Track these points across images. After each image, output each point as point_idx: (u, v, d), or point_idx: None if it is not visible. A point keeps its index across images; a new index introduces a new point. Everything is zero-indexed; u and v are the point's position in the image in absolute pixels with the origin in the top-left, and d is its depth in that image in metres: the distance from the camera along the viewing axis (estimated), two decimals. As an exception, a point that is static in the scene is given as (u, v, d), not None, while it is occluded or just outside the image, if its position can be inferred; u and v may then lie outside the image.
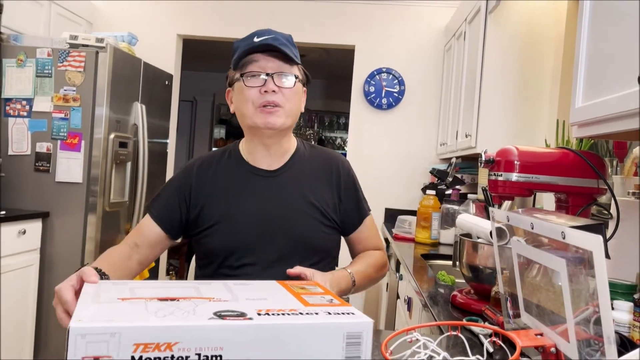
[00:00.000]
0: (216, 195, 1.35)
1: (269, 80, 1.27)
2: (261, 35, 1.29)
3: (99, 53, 2.97)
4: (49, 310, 2.96)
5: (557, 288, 0.86)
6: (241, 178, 1.36)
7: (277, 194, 1.35)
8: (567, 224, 0.83)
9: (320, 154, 1.46)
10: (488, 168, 1.37)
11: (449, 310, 1.44)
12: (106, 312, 0.77)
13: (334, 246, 1.44)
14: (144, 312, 0.78)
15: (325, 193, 1.39)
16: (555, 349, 0.86)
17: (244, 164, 1.38)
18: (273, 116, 1.28)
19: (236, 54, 1.32)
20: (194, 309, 0.80)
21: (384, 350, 0.88)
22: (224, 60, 7.40)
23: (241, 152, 1.40)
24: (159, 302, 0.82)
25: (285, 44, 1.30)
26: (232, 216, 1.33)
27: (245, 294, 0.90)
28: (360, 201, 1.47)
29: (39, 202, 2.97)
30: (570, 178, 1.32)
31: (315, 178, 1.40)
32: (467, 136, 2.78)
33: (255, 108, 1.28)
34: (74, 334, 0.70)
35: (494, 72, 2.64)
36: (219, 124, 8.20)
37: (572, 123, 1.31)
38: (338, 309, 0.84)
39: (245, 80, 1.28)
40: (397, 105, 3.95)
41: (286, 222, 1.34)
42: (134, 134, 3.31)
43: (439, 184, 3.10)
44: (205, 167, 1.39)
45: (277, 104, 1.28)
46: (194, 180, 1.37)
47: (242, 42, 1.32)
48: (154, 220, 1.36)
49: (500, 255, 1.10)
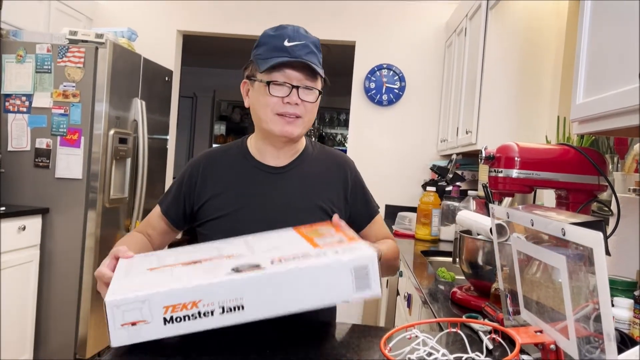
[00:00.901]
0: (221, 188, 1.35)
1: (294, 92, 1.26)
2: (292, 39, 1.26)
3: (98, 49, 2.96)
4: (48, 306, 2.96)
5: (557, 285, 0.86)
6: (247, 173, 1.36)
7: (283, 190, 1.35)
8: (567, 220, 0.83)
9: (328, 153, 1.46)
10: (488, 165, 1.37)
11: (448, 306, 1.43)
12: (137, 283, 0.87)
13: None
14: (169, 278, 0.87)
15: (332, 193, 1.39)
16: (555, 346, 0.86)
17: (250, 160, 1.37)
18: (291, 126, 1.28)
19: (261, 50, 1.28)
20: (214, 268, 0.89)
21: (383, 347, 0.88)
22: (224, 57, 7.39)
23: (249, 148, 1.39)
24: (183, 266, 0.91)
25: (313, 52, 1.28)
26: (236, 210, 1.32)
27: (261, 246, 0.99)
28: (369, 200, 1.46)
29: (39, 198, 2.97)
30: (571, 175, 1.31)
31: (322, 177, 1.39)
32: (468, 132, 2.77)
33: (273, 114, 1.27)
34: (110, 306, 0.81)
35: (495, 68, 2.63)
36: (219, 120, 8.19)
37: (573, 119, 1.31)
38: (346, 246, 0.92)
39: (270, 88, 1.25)
40: (397, 102, 3.94)
41: (290, 219, 1.32)
42: (134, 130, 3.30)
43: (439, 180, 3.10)
44: (212, 161, 1.39)
45: (298, 115, 1.28)
46: (200, 174, 1.37)
47: (270, 39, 1.28)
48: (162, 214, 1.40)
49: (500, 251, 1.10)
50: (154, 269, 0.92)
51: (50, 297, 2.96)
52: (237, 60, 6.77)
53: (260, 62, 1.27)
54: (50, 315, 2.96)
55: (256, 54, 1.29)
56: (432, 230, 2.78)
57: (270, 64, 1.23)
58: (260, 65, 1.26)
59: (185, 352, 0.92)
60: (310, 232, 1.03)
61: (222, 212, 1.33)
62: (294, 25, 1.30)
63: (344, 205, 1.40)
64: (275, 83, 1.25)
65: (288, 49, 1.24)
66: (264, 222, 1.31)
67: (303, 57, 1.25)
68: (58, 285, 2.97)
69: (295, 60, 1.24)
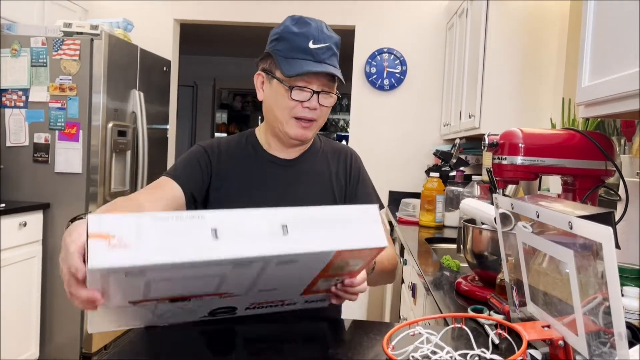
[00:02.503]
0: (233, 181, 1.32)
1: (314, 97, 1.24)
2: (317, 40, 1.22)
3: (93, 40, 2.92)
4: (53, 301, 2.96)
5: (565, 275, 0.83)
6: (258, 165, 1.34)
7: (293, 183, 1.34)
8: (575, 212, 0.79)
9: (333, 146, 1.45)
10: (492, 152, 1.33)
11: (453, 297, 1.41)
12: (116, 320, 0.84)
13: None
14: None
15: (338, 184, 1.38)
16: (564, 341, 0.83)
17: (261, 152, 1.36)
18: (306, 130, 1.27)
19: (283, 46, 1.22)
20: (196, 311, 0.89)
21: (385, 346, 0.85)
22: (223, 44, 7.33)
23: (259, 140, 1.38)
24: (169, 303, 0.84)
25: (335, 53, 1.26)
26: (247, 204, 1.28)
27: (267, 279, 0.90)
28: (370, 195, 1.43)
29: (39, 193, 2.95)
30: (577, 160, 1.27)
31: (329, 170, 1.39)
32: (471, 117, 2.72)
33: (290, 117, 1.25)
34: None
35: (498, 50, 2.58)
36: (220, 108, 8.15)
37: (579, 103, 1.26)
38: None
39: (292, 93, 1.22)
40: (399, 86, 3.88)
41: None
42: (133, 121, 3.27)
43: (443, 165, 3.06)
44: (225, 150, 1.36)
45: (314, 119, 1.27)
46: (215, 158, 1.32)
47: (293, 37, 1.22)
48: (177, 182, 1.25)
49: (505, 241, 1.06)
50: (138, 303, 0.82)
51: (54, 292, 2.96)
52: (237, 48, 6.73)
53: (282, 60, 1.22)
54: (55, 310, 2.96)
55: (276, 49, 1.24)
56: (436, 217, 2.74)
57: (297, 71, 1.19)
58: (283, 66, 1.22)
59: (189, 351, 0.90)
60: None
61: (232, 203, 1.28)
62: (317, 22, 1.25)
63: (344, 197, 1.39)
64: (297, 88, 1.22)
65: (312, 52, 1.21)
66: None
67: (326, 60, 1.23)
68: (61, 282, 2.95)
69: (321, 72, 1.21)
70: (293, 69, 1.20)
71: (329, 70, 1.21)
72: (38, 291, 2.92)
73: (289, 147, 1.34)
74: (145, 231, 0.71)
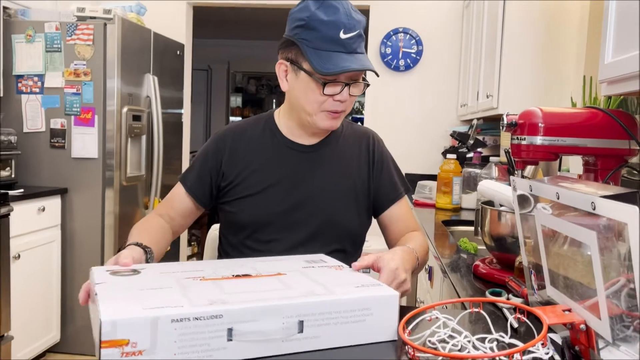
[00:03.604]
0: (250, 168, 1.31)
1: (345, 89, 1.20)
2: (348, 29, 1.15)
3: (107, 25, 2.91)
4: (73, 284, 3.00)
5: (586, 258, 0.80)
6: (277, 151, 1.32)
7: (313, 170, 1.31)
8: (597, 193, 0.77)
9: (355, 130, 1.42)
10: (510, 132, 1.30)
11: (471, 280, 1.39)
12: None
13: (362, 231, 1.40)
14: None
15: (361, 171, 1.36)
16: (585, 325, 0.81)
17: (280, 137, 1.33)
18: (336, 121, 1.25)
19: (312, 36, 1.16)
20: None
21: (401, 331, 0.83)
22: (237, 27, 7.28)
23: (277, 125, 1.34)
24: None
25: (363, 38, 1.21)
26: (265, 191, 1.29)
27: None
28: (395, 181, 1.41)
29: (57, 178, 2.98)
30: (599, 139, 1.23)
31: (351, 156, 1.36)
32: (489, 96, 2.67)
33: (320, 110, 1.22)
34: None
35: (516, 27, 2.51)
36: (235, 92, 8.13)
37: (601, 80, 1.22)
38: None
39: (325, 89, 1.18)
40: (415, 67, 3.82)
41: (320, 200, 1.30)
42: (148, 106, 3.27)
43: (460, 147, 3.01)
44: (239, 136, 1.34)
45: (344, 110, 1.24)
46: (228, 150, 1.32)
47: (322, 26, 1.15)
48: (187, 192, 1.33)
49: (523, 223, 1.04)
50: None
51: (74, 275, 3.00)
52: (251, 31, 6.67)
53: (311, 53, 1.16)
54: (75, 293, 3.00)
55: (302, 39, 1.17)
56: (453, 199, 2.71)
57: (333, 69, 1.14)
58: (313, 60, 1.15)
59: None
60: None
61: (251, 190, 1.29)
62: (343, 4, 1.17)
63: (368, 181, 1.37)
64: (330, 83, 1.17)
65: (344, 42, 1.15)
66: (294, 202, 1.29)
67: (357, 50, 1.18)
68: (81, 264, 3.00)
69: (360, 68, 1.17)
70: (326, 65, 1.14)
71: (365, 65, 1.17)
72: (58, 275, 2.96)
73: (312, 135, 1.32)
74: (161, 335, 0.69)
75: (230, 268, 0.95)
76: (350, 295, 0.84)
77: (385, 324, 0.87)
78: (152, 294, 0.79)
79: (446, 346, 0.83)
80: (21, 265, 2.65)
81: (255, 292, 0.81)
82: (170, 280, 0.86)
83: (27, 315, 2.69)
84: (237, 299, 0.78)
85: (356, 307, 0.84)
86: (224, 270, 0.93)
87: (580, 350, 0.83)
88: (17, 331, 2.60)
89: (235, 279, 0.88)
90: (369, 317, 0.85)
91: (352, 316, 0.83)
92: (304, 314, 0.79)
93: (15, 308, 2.58)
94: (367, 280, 0.94)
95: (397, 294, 0.88)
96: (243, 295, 0.80)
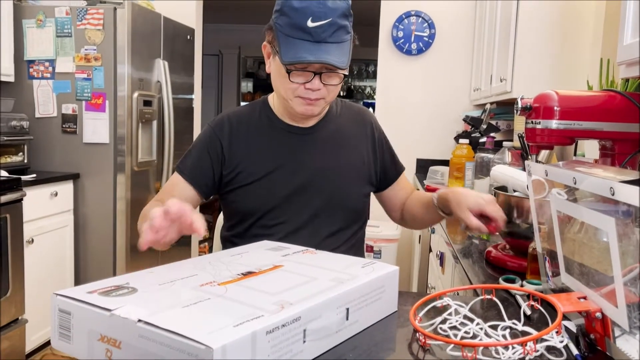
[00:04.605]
0: (251, 154, 1.30)
1: (316, 78, 1.17)
2: (317, 17, 1.12)
3: (116, 9, 2.90)
4: (86, 268, 3.03)
5: (603, 244, 0.78)
6: (276, 136, 1.31)
7: (313, 152, 1.31)
8: (616, 178, 0.74)
9: (352, 108, 1.42)
10: (525, 116, 1.27)
11: (483, 266, 1.37)
12: None
13: (366, 208, 1.41)
14: None
15: (362, 149, 1.36)
16: (601, 313, 0.79)
17: (277, 122, 1.33)
18: (313, 107, 1.22)
19: (282, 21, 1.15)
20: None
21: (412, 318, 0.82)
22: (248, 12, 7.23)
23: (272, 109, 1.34)
24: None
25: (341, 26, 1.15)
26: (268, 176, 1.29)
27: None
28: (395, 155, 1.46)
29: (69, 163, 2.99)
30: (617, 123, 1.20)
31: (349, 134, 1.36)
32: (502, 80, 2.63)
33: (294, 96, 1.21)
34: None
35: (531, 8, 2.45)
36: (245, 77, 8.09)
37: (620, 62, 1.19)
38: None
39: (290, 76, 1.16)
40: (427, 50, 3.77)
41: (322, 180, 1.30)
42: (158, 91, 3.26)
43: (473, 132, 2.98)
44: (236, 124, 1.32)
45: (319, 98, 1.21)
46: (226, 138, 1.31)
47: (293, 12, 1.13)
48: (187, 181, 1.30)
49: (538, 209, 1.02)
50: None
51: (87, 260, 3.03)
52: (261, 15, 6.62)
53: (282, 39, 1.15)
54: (88, 279, 3.03)
55: (277, 23, 1.17)
56: (466, 184, 2.68)
57: (290, 58, 1.13)
58: (281, 47, 1.14)
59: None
60: None
61: (255, 176, 1.29)
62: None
63: (373, 159, 1.39)
64: (296, 71, 1.16)
65: (311, 30, 1.13)
66: (298, 185, 1.29)
67: (328, 39, 1.14)
68: (93, 249, 3.02)
69: (317, 61, 1.12)
70: (288, 53, 1.13)
71: (323, 58, 1.12)
72: (72, 259, 2.99)
73: (302, 118, 1.31)
74: (259, 351, 0.63)
75: (220, 268, 0.88)
76: (370, 276, 0.86)
77: (392, 297, 0.92)
78: (212, 308, 0.69)
79: (458, 333, 0.81)
80: (35, 249, 2.67)
81: (296, 288, 0.78)
82: (193, 291, 0.75)
83: (40, 299, 2.71)
84: (296, 298, 0.73)
85: (376, 286, 0.87)
86: (221, 272, 0.85)
87: (596, 338, 0.81)
88: (31, 315, 2.64)
89: (249, 278, 0.82)
90: (383, 294, 0.89)
91: (374, 295, 0.86)
92: (349, 301, 0.80)
93: (29, 292, 2.61)
94: (360, 260, 0.97)
95: (397, 268, 0.95)
96: (294, 294, 0.75)
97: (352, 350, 0.78)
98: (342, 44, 1.17)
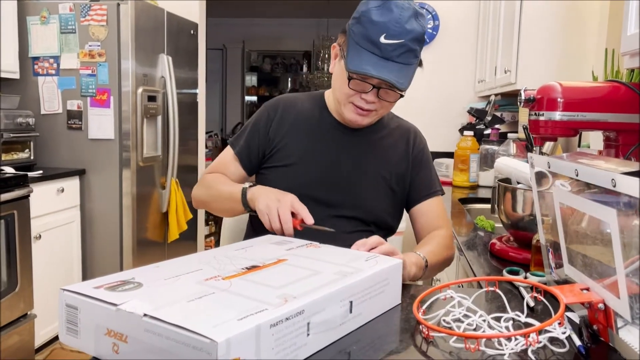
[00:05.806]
0: (295, 136, 1.34)
1: (373, 91, 1.19)
2: (390, 35, 1.13)
3: (120, 5, 2.90)
4: (93, 263, 3.05)
5: (606, 236, 0.78)
6: (322, 126, 1.35)
7: (353, 151, 1.34)
8: (618, 169, 0.74)
9: (399, 123, 1.44)
10: (528, 107, 1.26)
11: (487, 258, 1.37)
12: None
13: (390, 221, 1.38)
14: None
15: (397, 164, 1.36)
16: (604, 304, 0.79)
17: (326, 115, 1.36)
18: (362, 117, 1.25)
19: (357, 29, 1.16)
20: None
21: (416, 310, 0.83)
22: (252, 5, 7.19)
23: (326, 103, 1.38)
24: None
25: (410, 49, 1.15)
26: (306, 162, 1.32)
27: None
28: (432, 178, 1.41)
29: (74, 159, 3.01)
30: (621, 114, 1.20)
31: (390, 146, 1.37)
32: (507, 72, 2.61)
33: (347, 101, 1.24)
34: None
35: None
36: (250, 71, 8.09)
37: (624, 52, 1.18)
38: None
39: (350, 82, 1.19)
40: (431, 42, 3.75)
41: (356, 182, 1.32)
42: (162, 86, 3.27)
43: (477, 123, 2.97)
44: (290, 106, 1.38)
45: (372, 110, 1.24)
46: (278, 116, 1.36)
47: (369, 25, 1.14)
48: (236, 155, 1.37)
49: (541, 201, 1.02)
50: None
51: (94, 255, 3.05)
52: (265, 9, 6.60)
53: (352, 46, 1.17)
54: (96, 273, 3.05)
55: (351, 30, 1.19)
56: (470, 177, 2.68)
57: (353, 68, 1.15)
58: (349, 54, 1.17)
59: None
60: None
61: (290, 160, 1.32)
62: (402, 10, 1.14)
63: (405, 175, 1.38)
64: (355, 80, 1.18)
65: (382, 46, 1.14)
66: (326, 180, 1.31)
67: (395, 58, 1.15)
68: (100, 244, 3.04)
69: (377, 76, 1.14)
70: (354, 61, 1.15)
71: (385, 76, 1.13)
72: (79, 254, 3.01)
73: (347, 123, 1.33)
74: (263, 345, 0.64)
75: (225, 262, 0.88)
76: (374, 269, 0.87)
77: (395, 289, 0.93)
78: (217, 302, 0.69)
79: (461, 325, 0.82)
80: (42, 245, 2.69)
81: (299, 282, 0.79)
82: (197, 285, 0.76)
83: (49, 294, 2.74)
84: (300, 291, 0.74)
85: (380, 279, 0.88)
86: (225, 266, 0.86)
87: (599, 329, 0.82)
88: (39, 310, 2.66)
89: (253, 272, 0.83)
90: (386, 287, 0.89)
91: (377, 288, 0.87)
92: (353, 294, 0.80)
93: (37, 287, 2.63)
94: (364, 253, 0.98)
95: (401, 261, 0.95)
96: (298, 288, 0.76)
97: (355, 343, 0.79)
98: (408, 66, 1.18)
